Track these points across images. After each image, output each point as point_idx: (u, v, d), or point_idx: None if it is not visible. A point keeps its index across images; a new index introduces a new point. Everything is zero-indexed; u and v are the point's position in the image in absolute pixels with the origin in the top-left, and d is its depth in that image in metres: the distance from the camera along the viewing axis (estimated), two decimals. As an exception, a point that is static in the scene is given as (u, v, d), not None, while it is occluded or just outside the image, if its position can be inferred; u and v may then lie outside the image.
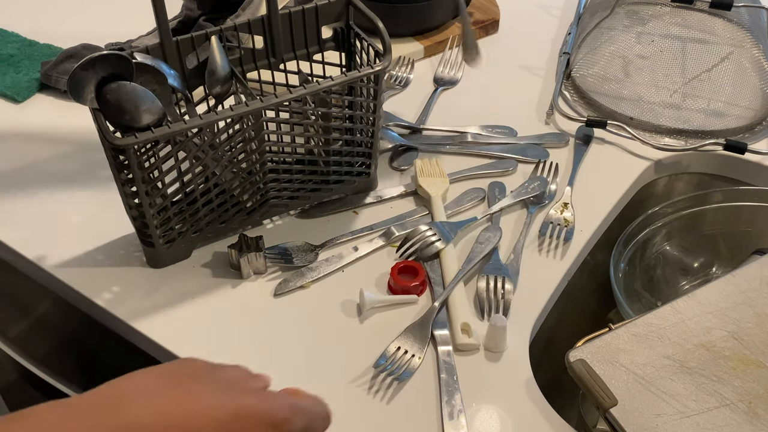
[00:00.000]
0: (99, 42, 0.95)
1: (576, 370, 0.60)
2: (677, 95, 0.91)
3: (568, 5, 1.10)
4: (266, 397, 0.42)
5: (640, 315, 0.64)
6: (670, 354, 0.61)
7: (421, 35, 1.01)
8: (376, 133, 0.75)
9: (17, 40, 1.00)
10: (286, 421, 0.41)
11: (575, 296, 0.79)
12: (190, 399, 0.39)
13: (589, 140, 0.88)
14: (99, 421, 0.37)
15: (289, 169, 0.74)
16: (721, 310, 0.64)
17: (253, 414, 0.40)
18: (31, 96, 0.93)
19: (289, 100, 0.66)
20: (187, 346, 0.67)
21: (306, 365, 0.66)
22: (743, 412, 0.57)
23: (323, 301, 0.70)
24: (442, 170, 0.82)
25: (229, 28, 0.72)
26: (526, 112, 0.92)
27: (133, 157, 0.63)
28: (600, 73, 0.93)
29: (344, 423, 0.61)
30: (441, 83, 0.96)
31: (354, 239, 0.76)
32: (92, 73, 0.60)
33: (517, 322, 0.69)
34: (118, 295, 0.71)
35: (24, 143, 0.87)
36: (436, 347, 0.67)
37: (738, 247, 0.86)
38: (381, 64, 0.69)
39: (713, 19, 0.93)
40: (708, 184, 0.89)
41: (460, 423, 0.61)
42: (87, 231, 0.76)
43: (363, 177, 0.79)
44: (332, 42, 0.77)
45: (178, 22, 0.95)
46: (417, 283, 0.70)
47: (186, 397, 0.39)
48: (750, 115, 0.89)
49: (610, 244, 0.81)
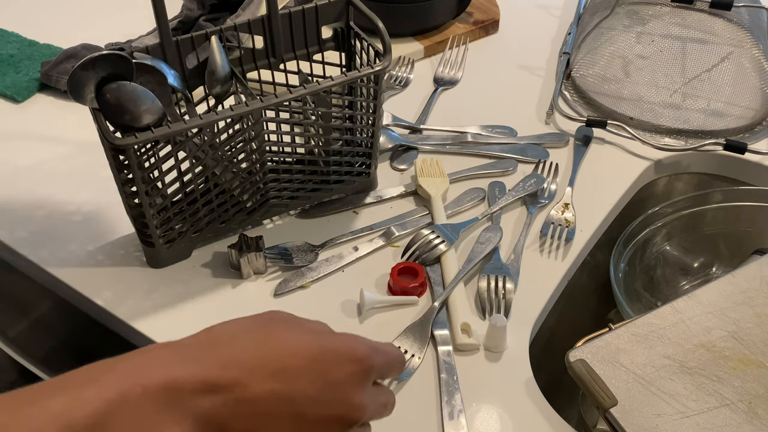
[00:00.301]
0: (99, 42, 0.95)
1: (576, 370, 0.60)
2: (677, 95, 0.91)
3: (568, 5, 1.10)
4: (347, 337, 0.46)
5: (640, 315, 0.64)
6: (670, 354, 0.61)
7: (421, 35, 1.01)
8: (376, 133, 0.75)
9: (17, 40, 1.00)
10: (366, 356, 0.45)
11: (575, 296, 0.79)
12: (281, 339, 0.43)
13: (589, 140, 0.88)
14: (207, 359, 0.41)
15: (289, 169, 0.74)
16: (721, 310, 0.64)
17: (337, 349, 0.44)
18: (31, 96, 0.93)
19: (289, 100, 0.66)
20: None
21: (306, 365, 0.66)
22: (743, 412, 0.57)
23: (323, 301, 0.70)
24: (442, 170, 0.82)
25: (229, 28, 0.72)
26: (526, 112, 0.92)
27: (133, 157, 0.63)
28: (600, 73, 0.93)
29: (344, 423, 0.61)
30: (441, 83, 0.96)
31: (354, 239, 0.76)
32: (92, 73, 0.60)
33: (517, 322, 0.69)
34: (118, 295, 0.71)
35: (24, 143, 0.87)
36: (436, 347, 0.67)
37: (738, 247, 0.86)
38: (381, 64, 0.69)
39: (713, 19, 0.93)
40: (708, 184, 0.89)
41: (460, 423, 0.61)
42: (87, 231, 0.76)
43: (363, 177, 0.79)
44: (332, 42, 0.77)
45: (178, 22, 0.95)
46: (417, 284, 0.70)
47: (277, 338, 0.43)
48: (750, 115, 0.89)
49: (610, 244, 0.81)
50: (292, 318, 0.47)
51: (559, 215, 0.78)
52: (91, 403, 0.37)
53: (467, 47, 1.02)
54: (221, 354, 0.41)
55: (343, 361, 0.44)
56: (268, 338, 0.43)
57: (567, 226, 0.77)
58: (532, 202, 0.80)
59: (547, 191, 0.81)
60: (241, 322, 0.44)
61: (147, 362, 0.40)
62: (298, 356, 0.43)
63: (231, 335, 0.43)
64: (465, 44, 1.02)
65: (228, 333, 0.43)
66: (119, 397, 0.37)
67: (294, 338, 0.44)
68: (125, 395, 0.37)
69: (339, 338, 0.46)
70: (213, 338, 0.43)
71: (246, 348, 0.42)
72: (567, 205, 0.79)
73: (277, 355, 0.42)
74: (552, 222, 0.78)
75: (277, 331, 0.44)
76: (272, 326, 0.45)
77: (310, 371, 0.43)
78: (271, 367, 0.42)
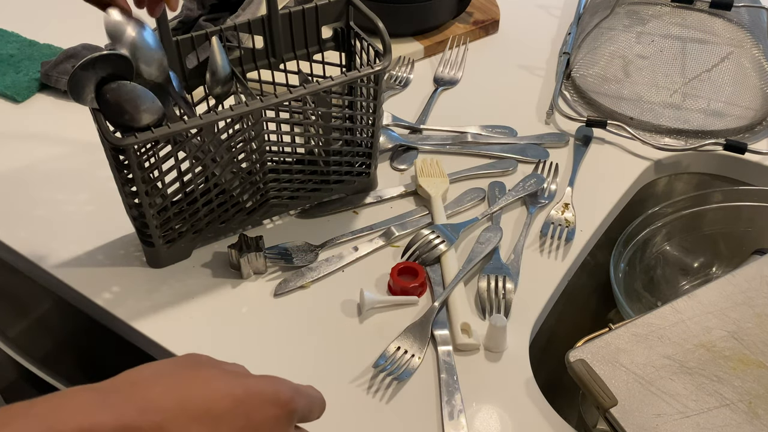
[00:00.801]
0: (99, 42, 0.95)
1: (576, 370, 0.60)
2: (677, 95, 0.91)
3: (568, 5, 1.10)
4: (269, 379, 0.45)
5: (640, 315, 0.64)
6: (670, 354, 0.61)
7: (421, 35, 1.01)
8: (376, 133, 0.75)
9: (17, 40, 1.00)
10: (290, 399, 0.44)
11: (575, 296, 0.79)
12: (203, 381, 0.42)
13: (589, 140, 0.88)
14: (126, 403, 0.39)
15: (289, 169, 0.74)
16: (721, 310, 0.64)
17: (261, 391, 0.43)
18: (31, 96, 0.93)
19: (289, 100, 0.66)
20: (187, 346, 0.67)
21: (306, 365, 0.66)
22: (743, 412, 0.57)
23: (323, 301, 0.70)
24: (442, 170, 0.82)
25: (229, 28, 0.72)
26: (526, 112, 0.92)
27: (133, 157, 0.63)
28: (600, 73, 0.93)
29: (344, 423, 0.61)
30: (441, 83, 0.96)
31: (354, 239, 0.76)
32: (92, 73, 0.60)
33: (517, 322, 0.69)
34: (118, 295, 0.71)
35: (24, 143, 0.87)
36: (436, 347, 0.67)
37: (738, 247, 0.86)
38: (381, 64, 0.69)
39: (713, 19, 0.93)
40: (708, 184, 0.89)
41: (460, 423, 0.61)
42: (87, 231, 0.76)
43: (363, 177, 0.79)
44: (332, 42, 0.77)
45: (178, 22, 0.95)
46: (417, 284, 0.70)
47: (199, 380, 0.43)
48: (750, 115, 0.89)
49: (610, 244, 0.81)
50: (212, 361, 0.46)
51: (559, 215, 0.78)
52: None
53: (467, 47, 1.02)
54: (143, 397, 0.40)
55: (266, 404, 0.43)
56: (190, 381, 0.42)
57: (567, 226, 0.77)
58: (532, 202, 0.80)
59: (547, 191, 0.81)
60: (162, 365, 0.43)
61: (63, 406, 0.38)
62: (221, 399, 0.42)
63: (153, 378, 0.42)
64: (465, 44, 1.02)
65: (150, 375, 0.42)
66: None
67: (217, 380, 0.43)
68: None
69: (261, 380, 0.45)
70: (134, 381, 0.41)
71: (168, 391, 0.41)
72: (567, 205, 0.79)
73: (201, 398, 0.41)
74: (552, 222, 0.78)
75: (200, 373, 0.43)
76: (194, 369, 0.44)
77: (233, 414, 0.42)
78: (194, 411, 0.41)
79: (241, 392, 0.43)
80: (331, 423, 0.61)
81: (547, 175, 0.83)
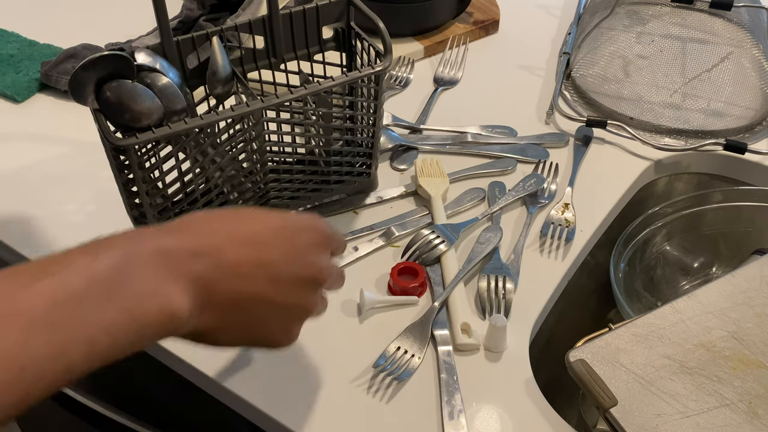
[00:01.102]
0: (99, 42, 0.95)
1: (576, 370, 0.60)
2: (677, 95, 0.91)
3: (568, 5, 1.10)
4: (307, 215, 0.54)
5: (640, 315, 0.65)
6: (670, 354, 0.61)
7: (421, 35, 1.01)
8: (376, 133, 0.75)
9: (17, 40, 1.00)
10: (324, 228, 0.52)
11: (575, 296, 0.79)
12: (249, 217, 0.50)
13: (589, 140, 0.88)
14: (190, 231, 0.46)
15: (290, 169, 0.74)
16: (721, 310, 0.65)
17: (300, 220, 0.51)
18: (31, 96, 0.93)
19: (290, 101, 0.66)
20: (187, 346, 0.66)
21: (306, 365, 0.66)
22: (743, 412, 0.57)
23: (323, 301, 0.70)
24: (442, 170, 0.82)
25: (229, 28, 0.72)
26: (526, 112, 0.92)
27: (134, 158, 0.63)
28: (600, 73, 0.93)
29: (344, 423, 0.61)
30: (441, 83, 0.96)
31: (354, 239, 0.76)
32: (93, 73, 0.60)
33: (517, 322, 0.69)
34: (119, 295, 0.71)
35: (24, 143, 0.87)
36: (436, 347, 0.67)
37: (738, 247, 0.87)
38: (381, 64, 0.69)
39: (713, 19, 0.93)
40: (708, 184, 0.89)
41: (460, 423, 0.61)
42: (88, 231, 0.76)
43: (363, 177, 0.79)
44: (333, 42, 0.77)
45: (179, 22, 0.95)
46: (417, 284, 0.70)
47: (246, 217, 0.50)
48: (750, 115, 0.89)
49: (610, 244, 0.81)
50: (255, 208, 0.53)
51: (559, 215, 0.78)
52: (106, 260, 0.40)
53: (467, 47, 1.02)
54: (199, 230, 0.46)
55: (306, 230, 0.51)
56: (237, 218, 0.49)
57: (567, 226, 0.77)
58: (532, 202, 0.80)
59: (547, 191, 0.81)
60: (209, 212, 0.49)
61: (136, 236, 0.44)
62: (267, 228, 0.49)
63: (205, 219, 0.48)
64: (465, 44, 1.02)
65: (202, 217, 0.48)
66: (127, 257, 0.41)
67: (261, 216, 0.50)
68: (131, 256, 0.42)
69: (300, 215, 0.54)
70: (189, 221, 0.47)
71: (220, 225, 0.47)
72: (567, 205, 0.79)
73: (248, 228, 0.48)
74: (552, 222, 0.78)
75: (245, 213, 0.51)
76: (239, 211, 0.52)
77: (278, 238, 0.49)
78: (244, 237, 0.47)
79: (281, 221, 0.50)
80: (331, 423, 0.61)
81: (547, 175, 0.83)
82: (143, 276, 0.41)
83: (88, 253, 0.41)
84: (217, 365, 0.65)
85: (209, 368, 0.65)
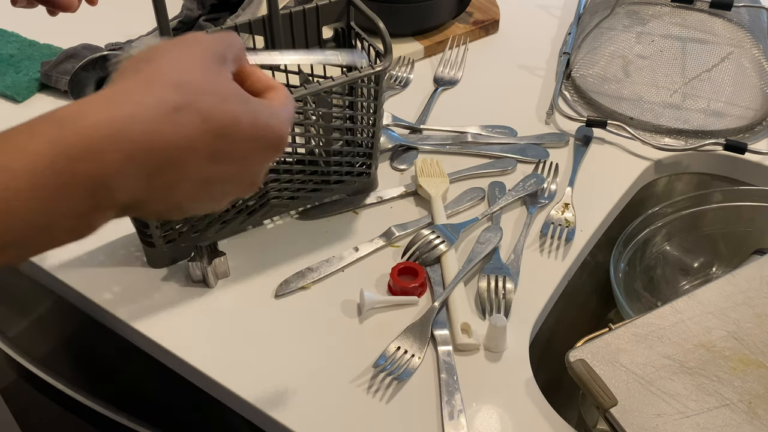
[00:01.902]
0: (99, 42, 0.95)
1: (576, 370, 0.60)
2: (677, 95, 0.91)
3: (568, 5, 1.10)
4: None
5: (640, 315, 0.65)
6: (670, 354, 0.61)
7: (421, 35, 1.01)
8: (376, 133, 0.75)
9: (17, 40, 1.00)
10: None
11: (575, 296, 0.79)
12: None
13: (589, 140, 0.88)
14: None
15: (290, 169, 0.74)
16: (721, 310, 0.65)
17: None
18: (31, 96, 0.93)
19: (290, 100, 0.66)
20: (188, 346, 0.67)
21: (306, 365, 0.66)
22: (743, 412, 0.57)
23: (324, 302, 0.70)
24: (442, 170, 0.82)
25: (229, 28, 0.72)
26: (526, 112, 0.92)
27: (134, 157, 0.63)
28: (600, 73, 0.93)
29: (344, 423, 0.61)
30: (441, 83, 0.96)
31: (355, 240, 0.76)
32: (92, 73, 0.60)
33: (517, 322, 0.69)
34: (118, 295, 0.71)
35: (24, 143, 0.87)
36: (436, 347, 0.67)
37: (738, 247, 0.87)
38: (381, 64, 0.69)
39: (713, 19, 0.93)
40: (708, 184, 0.89)
41: (460, 423, 0.61)
42: (87, 231, 0.76)
43: (363, 177, 0.79)
44: (333, 42, 0.77)
45: (178, 22, 0.95)
46: (417, 284, 0.70)
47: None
48: (750, 115, 0.89)
49: (610, 244, 0.81)
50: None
51: (559, 215, 0.78)
52: (81, 135, 0.38)
53: (467, 47, 1.02)
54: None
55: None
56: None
57: (567, 226, 0.77)
58: (532, 202, 0.80)
59: (547, 191, 0.81)
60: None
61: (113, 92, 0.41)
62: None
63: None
64: (465, 44, 1.02)
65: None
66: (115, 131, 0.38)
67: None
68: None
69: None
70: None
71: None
72: (567, 205, 0.79)
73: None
74: (552, 222, 0.78)
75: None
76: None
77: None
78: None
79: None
80: (331, 423, 0.61)
81: (547, 175, 0.83)
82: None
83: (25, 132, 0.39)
84: (216, 365, 0.65)
85: (209, 368, 0.65)
